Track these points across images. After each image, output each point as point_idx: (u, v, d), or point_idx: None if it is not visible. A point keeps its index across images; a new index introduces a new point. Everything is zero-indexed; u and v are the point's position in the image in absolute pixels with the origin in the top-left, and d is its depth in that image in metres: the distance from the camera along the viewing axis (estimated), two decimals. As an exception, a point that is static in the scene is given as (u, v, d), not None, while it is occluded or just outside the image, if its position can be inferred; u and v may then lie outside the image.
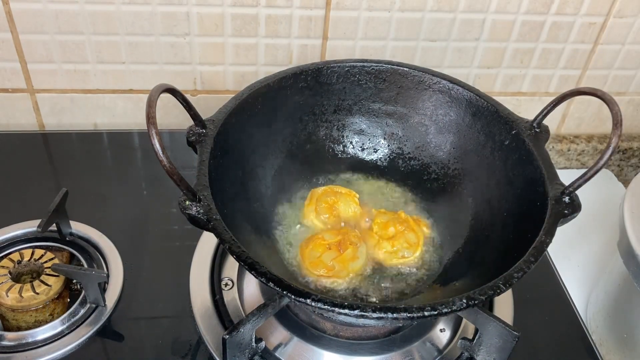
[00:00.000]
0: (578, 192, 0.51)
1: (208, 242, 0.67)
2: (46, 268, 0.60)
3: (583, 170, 0.54)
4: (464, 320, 0.62)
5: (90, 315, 0.59)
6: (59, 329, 0.58)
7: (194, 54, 0.80)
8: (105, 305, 0.60)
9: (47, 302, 0.59)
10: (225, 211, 0.50)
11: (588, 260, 0.82)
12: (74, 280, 0.62)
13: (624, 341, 0.66)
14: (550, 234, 0.49)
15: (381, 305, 0.43)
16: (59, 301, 0.60)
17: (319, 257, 0.59)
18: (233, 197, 0.56)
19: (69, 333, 0.58)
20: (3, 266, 0.60)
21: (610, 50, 0.87)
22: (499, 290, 0.45)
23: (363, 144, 0.70)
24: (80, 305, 0.60)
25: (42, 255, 0.61)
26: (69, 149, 0.81)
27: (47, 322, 0.58)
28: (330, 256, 0.59)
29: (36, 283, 0.58)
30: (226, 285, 0.63)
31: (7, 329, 0.58)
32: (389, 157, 0.70)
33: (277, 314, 0.56)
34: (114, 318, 0.60)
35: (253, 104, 0.60)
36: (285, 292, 0.43)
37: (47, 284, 0.58)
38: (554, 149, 0.95)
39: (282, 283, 0.44)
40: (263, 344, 0.54)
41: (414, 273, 0.61)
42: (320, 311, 0.46)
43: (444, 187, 0.66)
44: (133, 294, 0.62)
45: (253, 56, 0.82)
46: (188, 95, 0.73)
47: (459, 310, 0.43)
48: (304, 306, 0.48)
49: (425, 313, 0.43)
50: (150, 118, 0.43)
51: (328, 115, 0.68)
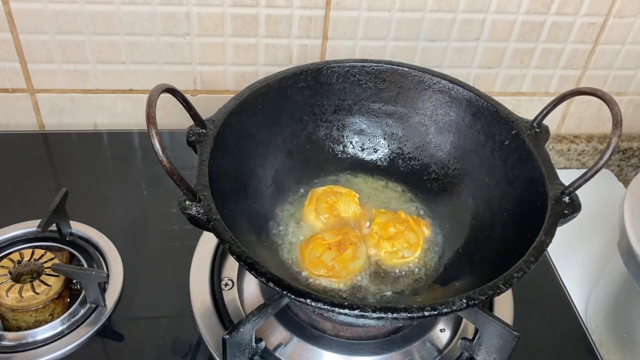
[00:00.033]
0: (578, 192, 0.51)
1: (208, 242, 0.67)
2: (46, 268, 0.60)
3: (583, 170, 0.54)
4: (464, 320, 0.62)
5: (90, 315, 0.59)
6: (59, 329, 0.58)
7: (194, 54, 0.80)
8: (105, 305, 0.60)
9: (47, 302, 0.59)
10: (225, 211, 0.50)
11: (588, 260, 0.82)
12: (74, 280, 0.62)
13: (624, 341, 0.66)
14: (550, 234, 0.49)
15: (381, 305, 0.43)
16: (59, 301, 0.60)
17: (319, 257, 0.59)
18: (233, 197, 0.56)
19: (69, 333, 0.58)
20: (3, 266, 0.60)
21: (610, 50, 0.87)
22: (499, 290, 0.45)
23: (363, 144, 0.70)
24: (80, 305, 0.60)
25: (42, 255, 0.61)
26: (69, 149, 0.81)
27: (47, 322, 0.58)
28: (330, 256, 0.59)
29: (36, 283, 0.58)
30: (226, 285, 0.63)
31: (7, 329, 0.58)
32: (389, 157, 0.70)
33: (277, 314, 0.56)
34: (114, 318, 0.60)
35: (253, 104, 0.60)
36: (285, 292, 0.43)
37: (47, 284, 0.58)
38: (554, 149, 0.95)
39: (282, 283, 0.44)
40: (263, 344, 0.54)
41: (414, 273, 0.61)
42: (320, 311, 0.46)
43: (444, 187, 0.66)
44: (133, 294, 0.62)
45: (253, 56, 0.82)
46: (188, 95, 0.73)
47: (459, 310, 0.43)
48: (304, 306, 0.48)
49: (425, 313, 0.43)
50: (150, 118, 0.43)
51: (328, 115, 0.68)
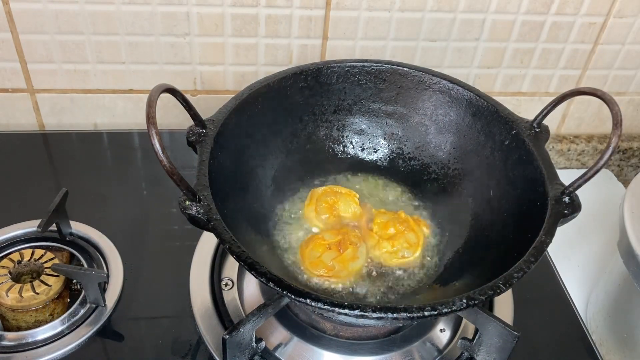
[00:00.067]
0: (578, 192, 0.51)
1: (208, 242, 0.67)
2: (46, 268, 0.60)
3: (583, 170, 0.54)
4: (464, 320, 0.62)
5: (90, 315, 0.59)
6: (59, 329, 0.58)
7: (194, 54, 0.80)
8: (105, 305, 0.60)
9: (47, 302, 0.59)
10: (225, 211, 0.50)
11: (588, 260, 0.82)
12: (74, 280, 0.62)
13: (624, 341, 0.66)
14: (550, 234, 0.49)
15: (381, 305, 0.43)
16: (59, 301, 0.60)
17: (319, 257, 0.59)
18: (233, 197, 0.56)
19: (69, 333, 0.58)
20: (3, 266, 0.60)
21: (610, 50, 0.87)
22: (499, 290, 0.45)
23: (363, 144, 0.70)
24: (80, 305, 0.60)
25: (42, 255, 0.61)
26: (69, 149, 0.81)
27: (47, 322, 0.58)
28: (330, 256, 0.59)
29: (36, 283, 0.58)
30: (226, 285, 0.63)
31: (7, 329, 0.58)
32: (389, 157, 0.70)
33: (277, 314, 0.55)
34: (114, 318, 0.60)
35: (253, 104, 0.60)
36: (285, 292, 0.43)
37: (47, 284, 0.58)
38: (554, 149, 0.95)
39: (282, 283, 0.44)
40: (263, 344, 0.54)
41: (414, 273, 0.61)
42: (320, 311, 0.46)
43: (444, 187, 0.66)
44: (133, 294, 0.62)
45: (253, 56, 0.82)
46: (188, 95, 0.73)
47: (459, 310, 0.43)
48: (304, 306, 0.48)
49: (425, 313, 0.43)
50: (150, 118, 0.43)
51: (328, 115, 0.68)
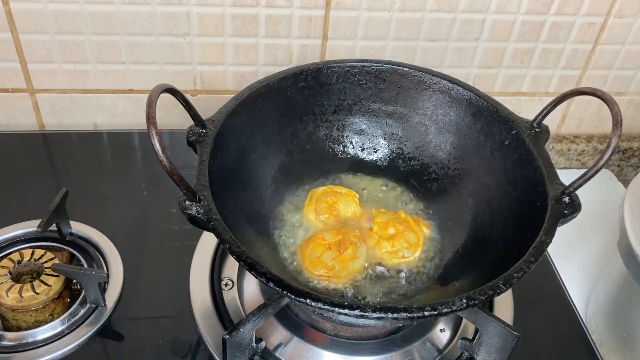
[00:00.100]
0: (578, 192, 0.51)
1: (208, 242, 0.67)
2: (46, 268, 0.60)
3: (583, 170, 0.54)
4: (464, 320, 0.62)
5: (90, 315, 0.59)
6: (59, 329, 0.58)
7: (194, 54, 0.80)
8: (105, 305, 0.60)
9: (47, 302, 0.59)
10: (225, 211, 0.50)
11: (588, 260, 0.82)
12: (74, 280, 0.62)
13: (624, 341, 0.66)
14: (550, 234, 0.49)
15: (381, 305, 0.43)
16: (59, 301, 0.60)
17: (319, 257, 0.59)
18: (233, 197, 0.56)
19: (69, 333, 0.58)
20: (3, 266, 0.60)
21: (610, 50, 0.87)
22: (499, 290, 0.45)
23: (363, 144, 0.70)
24: (80, 305, 0.60)
25: (42, 255, 0.61)
26: (69, 149, 0.81)
27: (47, 322, 0.58)
28: (330, 256, 0.59)
29: (36, 283, 0.58)
30: (226, 285, 0.63)
31: (7, 329, 0.58)
32: (389, 157, 0.70)
33: (277, 314, 0.55)
34: (114, 318, 0.60)
35: (253, 104, 0.60)
36: (285, 292, 0.43)
37: (47, 284, 0.58)
38: (554, 149, 0.95)
39: (282, 283, 0.44)
40: (263, 344, 0.54)
41: (414, 273, 0.61)
42: (320, 311, 0.46)
43: (444, 187, 0.66)
44: (133, 294, 0.62)
45: (253, 56, 0.82)
46: (188, 95, 0.73)
47: (459, 310, 0.43)
48: (304, 306, 0.48)
49: (425, 313, 0.43)
50: (150, 118, 0.43)
51: (328, 115, 0.68)
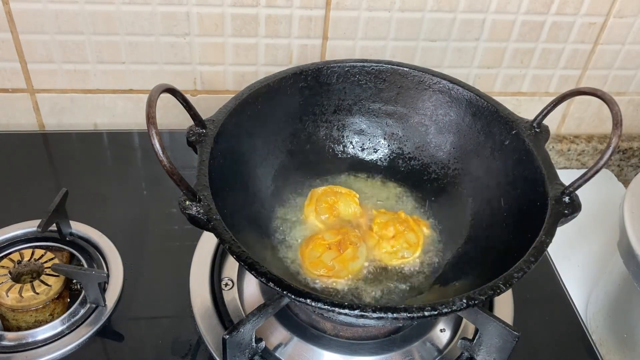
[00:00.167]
0: (578, 192, 0.51)
1: (208, 242, 0.67)
2: (46, 268, 0.60)
3: (583, 170, 0.54)
4: (464, 320, 0.62)
5: (90, 315, 0.59)
6: (59, 329, 0.58)
7: (194, 54, 0.80)
8: (105, 305, 0.60)
9: (47, 302, 0.59)
10: (225, 211, 0.50)
11: (588, 260, 0.82)
12: (74, 280, 0.62)
13: (624, 341, 0.66)
14: (550, 234, 0.49)
15: (381, 305, 0.43)
16: (59, 301, 0.60)
17: (319, 257, 0.59)
18: (233, 197, 0.56)
19: (69, 333, 0.58)
20: (3, 266, 0.60)
21: (610, 50, 0.87)
22: (499, 290, 0.45)
23: (363, 144, 0.70)
24: (80, 305, 0.60)
25: (42, 255, 0.61)
26: (69, 149, 0.81)
27: (47, 322, 0.58)
28: (330, 256, 0.59)
29: (36, 283, 0.58)
30: (226, 285, 0.63)
31: (7, 329, 0.58)
32: (389, 157, 0.70)
33: (277, 314, 0.55)
34: (114, 318, 0.60)
35: (253, 104, 0.60)
36: (285, 292, 0.43)
37: (47, 284, 0.58)
38: (554, 149, 0.95)
39: (282, 283, 0.44)
40: (263, 344, 0.54)
41: (414, 273, 0.61)
42: (320, 311, 0.46)
43: (444, 187, 0.66)
44: (133, 294, 0.62)
45: (253, 56, 0.82)
46: (188, 95, 0.73)
47: (459, 310, 0.43)
48: (304, 306, 0.48)
49: (425, 313, 0.43)
50: (150, 118, 0.43)
51: (328, 115, 0.68)
